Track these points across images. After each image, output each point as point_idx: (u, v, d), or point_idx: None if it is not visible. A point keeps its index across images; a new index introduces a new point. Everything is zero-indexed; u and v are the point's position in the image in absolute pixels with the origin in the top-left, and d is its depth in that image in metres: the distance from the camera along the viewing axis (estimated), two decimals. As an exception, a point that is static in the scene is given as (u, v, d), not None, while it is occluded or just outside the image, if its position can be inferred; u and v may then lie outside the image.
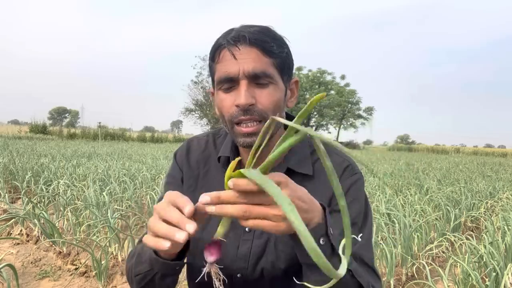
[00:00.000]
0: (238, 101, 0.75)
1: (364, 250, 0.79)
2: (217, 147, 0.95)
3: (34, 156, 9.28)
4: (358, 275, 0.68)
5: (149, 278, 0.73)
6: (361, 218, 0.82)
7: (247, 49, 0.75)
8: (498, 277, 2.40)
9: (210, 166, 0.94)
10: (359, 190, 0.85)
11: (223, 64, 0.77)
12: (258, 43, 0.75)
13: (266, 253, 0.84)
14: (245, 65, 0.74)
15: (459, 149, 56.97)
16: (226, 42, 0.76)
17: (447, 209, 4.41)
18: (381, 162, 14.90)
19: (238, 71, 0.74)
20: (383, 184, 6.48)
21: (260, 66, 0.75)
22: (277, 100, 0.78)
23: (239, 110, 0.75)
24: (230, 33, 0.77)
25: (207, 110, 36.88)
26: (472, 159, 24.42)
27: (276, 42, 0.77)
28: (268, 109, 0.76)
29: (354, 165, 0.88)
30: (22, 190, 4.61)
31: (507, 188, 7.31)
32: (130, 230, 3.21)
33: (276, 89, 0.78)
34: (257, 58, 0.75)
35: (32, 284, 2.73)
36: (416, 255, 3.36)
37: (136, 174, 6.36)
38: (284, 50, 0.79)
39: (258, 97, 0.76)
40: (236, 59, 0.74)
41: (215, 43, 0.79)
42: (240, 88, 0.75)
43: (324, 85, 51.14)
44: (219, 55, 0.78)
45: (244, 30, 0.76)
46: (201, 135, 1.01)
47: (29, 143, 16.00)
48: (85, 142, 22.15)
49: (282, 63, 0.79)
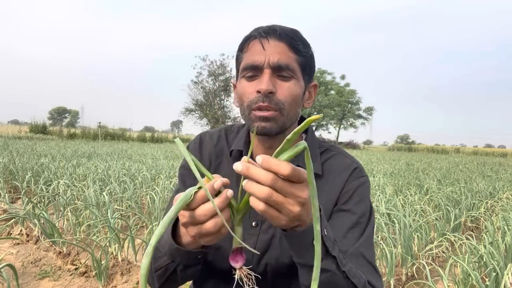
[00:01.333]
0: (259, 87, 0.78)
1: (365, 248, 0.81)
2: (229, 142, 0.97)
3: (34, 156, 9.27)
4: (351, 275, 0.68)
5: (171, 271, 0.73)
6: (366, 218, 0.84)
7: (275, 42, 0.80)
8: (498, 277, 2.40)
9: (222, 160, 0.96)
10: (365, 191, 0.88)
11: (250, 53, 0.81)
12: (287, 38, 0.80)
13: (270, 248, 0.85)
14: (271, 56, 0.79)
15: (459, 149, 56.98)
16: (258, 33, 0.81)
17: (447, 209, 4.41)
18: (381, 162, 14.89)
19: (264, 61, 0.79)
20: (383, 184, 6.48)
21: (285, 59, 0.79)
22: (296, 95, 0.82)
23: (259, 96, 0.79)
24: (262, 27, 0.83)
25: (207, 110, 36.85)
26: (472, 159, 24.43)
27: (303, 43, 0.83)
28: (286, 101, 0.80)
29: (361, 168, 0.91)
30: (22, 190, 4.61)
31: (507, 188, 7.31)
32: (130, 230, 3.21)
33: (297, 85, 0.82)
34: (283, 52, 0.79)
35: (32, 284, 2.73)
36: (416, 255, 3.36)
37: (136, 174, 6.36)
38: (309, 51, 0.85)
39: (279, 88, 0.80)
40: (264, 50, 0.79)
41: (246, 35, 0.85)
42: (263, 76, 0.79)
43: (324, 85, 51.09)
44: (248, 45, 0.83)
45: (275, 26, 0.82)
46: (213, 130, 1.04)
47: (29, 143, 16.00)
48: (85, 142, 22.15)
49: (306, 62, 0.84)
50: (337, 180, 0.87)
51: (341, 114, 52.83)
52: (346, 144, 52.54)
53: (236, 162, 0.55)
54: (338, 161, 0.91)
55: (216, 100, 37.00)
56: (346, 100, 51.30)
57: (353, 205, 0.84)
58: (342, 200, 0.85)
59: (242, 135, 0.94)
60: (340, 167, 0.89)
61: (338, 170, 0.88)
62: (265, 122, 0.79)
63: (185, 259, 0.70)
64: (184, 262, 0.71)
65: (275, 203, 0.54)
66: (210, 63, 36.23)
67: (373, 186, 6.11)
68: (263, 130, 0.80)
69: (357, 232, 0.82)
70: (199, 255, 0.70)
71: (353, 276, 0.68)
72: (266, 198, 0.53)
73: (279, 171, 0.52)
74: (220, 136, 0.99)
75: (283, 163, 0.53)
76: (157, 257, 0.74)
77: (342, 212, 0.84)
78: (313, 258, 0.60)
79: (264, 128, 0.80)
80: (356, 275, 0.70)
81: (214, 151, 0.97)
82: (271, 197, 0.53)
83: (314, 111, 50.21)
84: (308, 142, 0.92)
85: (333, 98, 49.47)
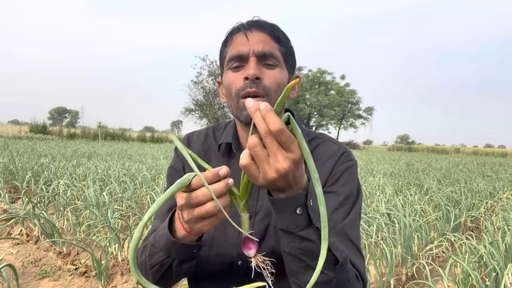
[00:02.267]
0: (247, 73, 0.82)
1: (350, 228, 0.81)
2: (217, 139, 0.99)
3: (34, 156, 9.27)
4: (334, 248, 0.68)
5: (166, 267, 0.73)
6: (352, 200, 0.85)
7: (258, 33, 0.85)
8: (498, 277, 2.40)
9: (210, 157, 0.97)
10: (352, 174, 0.88)
11: (235, 45, 0.85)
12: (269, 29, 0.86)
13: (266, 238, 0.85)
14: (255, 45, 0.83)
15: (459, 149, 56.96)
16: (241, 26, 0.87)
17: (447, 209, 4.41)
18: (381, 162, 14.89)
19: (249, 50, 0.83)
20: (383, 184, 6.47)
21: (269, 48, 0.84)
22: (282, 82, 0.85)
23: (247, 82, 0.82)
24: (243, 21, 0.89)
25: (207, 110, 36.84)
26: (472, 159, 24.42)
27: (283, 34, 0.89)
28: (272, 87, 0.83)
29: (349, 153, 0.92)
30: (22, 190, 4.61)
31: (507, 188, 7.31)
32: (130, 230, 3.21)
33: (282, 73, 0.86)
34: (266, 41, 0.84)
35: (32, 284, 2.73)
36: (416, 255, 3.35)
37: (136, 174, 6.36)
38: (289, 44, 0.90)
39: (265, 75, 0.83)
40: (248, 40, 0.84)
41: (229, 30, 0.89)
42: (249, 64, 0.83)
43: (324, 85, 51.06)
44: (232, 38, 0.87)
45: (255, 20, 0.88)
46: (200, 129, 1.05)
47: (29, 143, 15.99)
48: (85, 142, 22.15)
49: (287, 52, 0.88)
50: (326, 166, 0.88)
51: (341, 114, 52.81)
52: (346, 144, 52.51)
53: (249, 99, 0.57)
54: (327, 148, 0.92)
55: (216, 100, 36.97)
56: (346, 100, 51.28)
57: (339, 187, 0.85)
58: (329, 182, 0.86)
59: (230, 129, 0.96)
60: (328, 153, 0.90)
61: (326, 156, 0.89)
62: None
63: (180, 253, 0.70)
64: (180, 256, 0.71)
65: (256, 155, 0.55)
66: (210, 63, 36.25)
67: (373, 186, 6.11)
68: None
69: (342, 213, 0.82)
70: (194, 249, 0.70)
71: (335, 249, 0.68)
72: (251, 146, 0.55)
73: (269, 124, 0.53)
74: (208, 134, 1.01)
75: (276, 120, 0.53)
76: (153, 253, 0.74)
77: (327, 194, 0.84)
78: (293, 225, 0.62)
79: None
80: (338, 248, 0.69)
81: (202, 149, 0.99)
82: (255, 148, 0.55)
83: (314, 111, 50.25)
84: None
85: (333, 98, 49.43)
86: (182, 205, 0.60)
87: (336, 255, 0.68)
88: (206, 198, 0.59)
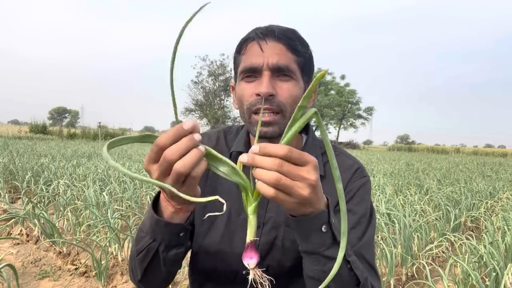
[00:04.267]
0: (259, 90, 0.77)
1: (366, 249, 0.81)
2: (228, 143, 0.96)
3: (34, 156, 9.27)
4: (355, 267, 0.68)
5: (153, 253, 0.70)
6: (366, 219, 0.84)
7: (273, 44, 0.79)
8: (498, 277, 2.40)
9: None
10: (366, 193, 0.87)
11: (249, 55, 0.80)
12: (285, 39, 0.79)
13: (273, 251, 0.84)
14: (270, 57, 0.78)
15: (459, 149, 57.00)
16: (255, 35, 0.80)
17: (447, 209, 4.41)
18: (381, 162, 14.89)
19: (263, 62, 0.78)
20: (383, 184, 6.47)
21: (284, 60, 0.78)
22: (296, 96, 0.81)
23: (259, 99, 0.78)
24: (259, 28, 0.82)
25: (207, 110, 36.88)
26: (472, 159, 24.43)
27: (301, 43, 0.82)
28: (287, 102, 0.79)
29: (363, 168, 0.90)
30: (22, 190, 4.61)
31: (507, 188, 7.31)
32: (130, 230, 3.21)
33: (296, 86, 0.81)
34: (282, 53, 0.78)
35: (32, 284, 2.73)
36: (416, 255, 3.35)
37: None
38: (307, 51, 0.84)
39: (279, 89, 0.79)
40: (263, 51, 0.78)
41: (243, 37, 0.83)
42: (262, 78, 0.78)
43: (324, 85, 51.09)
44: (246, 47, 0.82)
45: (273, 27, 0.81)
46: (211, 131, 1.02)
47: (29, 143, 15.99)
48: (85, 142, 22.15)
49: (305, 63, 0.83)
50: None
51: (341, 114, 52.84)
52: (346, 144, 52.51)
53: (242, 154, 0.56)
54: (340, 162, 0.89)
55: (216, 100, 37.03)
56: (346, 100, 51.32)
57: (354, 205, 0.83)
58: None
59: (242, 136, 0.93)
60: (342, 168, 0.87)
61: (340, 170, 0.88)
62: (266, 127, 0.79)
63: (166, 235, 0.68)
64: (166, 240, 0.68)
65: (284, 186, 0.53)
66: (210, 63, 36.31)
67: (373, 186, 6.11)
68: (265, 135, 0.79)
69: (358, 233, 0.81)
70: (180, 232, 0.68)
71: (356, 268, 0.68)
72: (275, 182, 0.53)
73: (277, 153, 0.53)
74: (219, 138, 0.98)
75: (279, 146, 0.53)
76: (139, 237, 0.72)
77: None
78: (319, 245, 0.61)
79: (266, 133, 0.79)
80: (359, 267, 0.69)
81: None
82: (280, 181, 0.53)
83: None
84: (309, 142, 0.91)
85: (333, 98, 49.49)
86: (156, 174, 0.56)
87: (357, 274, 0.68)
88: (175, 157, 0.53)
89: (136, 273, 0.77)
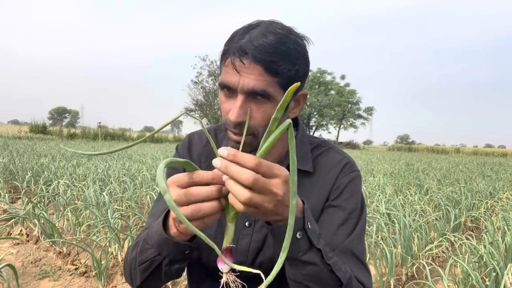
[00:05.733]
0: (230, 116, 0.73)
1: (355, 244, 0.80)
2: (219, 141, 0.96)
3: (34, 156, 9.27)
4: (336, 269, 0.67)
5: (156, 265, 0.71)
6: (356, 214, 0.83)
7: (251, 65, 0.70)
8: (498, 277, 2.40)
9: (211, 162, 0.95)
10: (356, 187, 0.86)
11: (226, 70, 0.74)
12: (264, 62, 0.70)
13: (264, 248, 0.85)
14: (246, 80, 0.70)
15: (459, 149, 56.96)
16: (232, 52, 0.72)
17: (447, 209, 4.41)
18: (381, 162, 14.89)
19: (238, 84, 0.71)
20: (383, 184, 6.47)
21: (261, 84, 0.71)
22: None
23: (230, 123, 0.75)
24: (242, 38, 0.72)
25: (207, 110, 36.86)
26: (472, 159, 24.42)
27: (286, 59, 0.72)
28: (260, 126, 0.74)
29: (353, 163, 0.90)
30: (22, 190, 4.61)
31: (507, 188, 7.30)
32: (130, 230, 3.21)
33: (273, 108, 0.74)
34: (259, 76, 0.70)
35: (32, 284, 2.73)
36: (416, 255, 3.35)
37: (136, 174, 6.36)
38: (293, 67, 0.73)
39: (253, 112, 0.73)
40: (238, 72, 0.71)
41: (225, 44, 0.77)
42: (236, 101, 0.73)
43: (324, 85, 51.11)
44: (225, 60, 0.75)
45: (251, 45, 0.70)
46: (202, 130, 1.03)
47: (29, 143, 15.99)
48: (85, 142, 22.14)
49: (288, 80, 0.73)
50: (328, 176, 0.86)
51: (341, 114, 52.84)
52: (346, 144, 52.50)
53: (215, 159, 0.55)
54: (329, 157, 0.89)
55: (216, 100, 36.97)
56: (346, 100, 51.33)
57: (343, 201, 0.83)
58: (332, 195, 0.84)
59: None
60: (331, 163, 0.88)
61: (329, 166, 0.87)
62: (238, 145, 0.75)
63: (172, 252, 0.68)
64: (171, 255, 0.69)
65: (254, 203, 0.54)
66: (210, 63, 36.29)
67: (373, 186, 6.11)
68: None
69: (347, 228, 0.81)
70: (186, 250, 0.68)
71: (338, 270, 0.68)
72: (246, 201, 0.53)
73: (246, 164, 0.52)
74: None
75: (249, 156, 0.52)
76: (144, 249, 0.72)
77: (332, 208, 0.83)
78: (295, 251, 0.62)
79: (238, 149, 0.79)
80: (341, 269, 0.69)
81: (204, 151, 0.97)
82: (251, 200, 0.53)
83: (314, 111, 50.24)
84: (298, 138, 0.91)
85: (333, 98, 49.52)
86: (177, 201, 0.56)
87: (339, 276, 0.68)
88: (205, 197, 0.56)
89: (135, 279, 0.77)
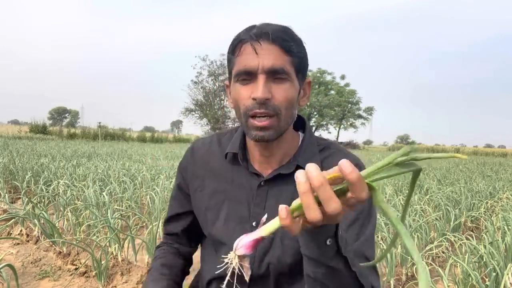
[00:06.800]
0: (255, 94, 0.77)
1: (366, 246, 0.81)
2: (222, 144, 0.98)
3: (34, 156, 9.27)
4: (361, 276, 0.68)
5: None
6: (364, 216, 0.83)
7: (268, 46, 0.77)
8: (498, 277, 2.40)
9: (215, 164, 0.97)
10: None
11: (243, 57, 0.79)
12: (279, 41, 0.78)
13: (272, 248, 0.85)
14: (265, 60, 0.77)
15: (459, 149, 56.94)
16: (249, 37, 0.79)
17: (447, 209, 4.41)
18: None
19: (258, 66, 0.77)
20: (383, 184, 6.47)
21: (280, 63, 0.77)
22: (292, 97, 0.81)
23: (255, 103, 0.78)
24: (252, 29, 0.80)
25: (207, 110, 36.84)
26: (472, 159, 24.41)
27: (296, 42, 0.81)
28: (282, 105, 0.79)
29: (361, 165, 0.90)
30: (22, 190, 4.61)
31: (507, 188, 7.30)
32: (130, 230, 3.21)
33: (292, 87, 0.81)
34: (277, 55, 0.77)
35: (32, 284, 2.73)
36: (416, 255, 3.35)
37: (136, 174, 6.35)
38: (302, 50, 0.82)
39: (274, 92, 0.78)
40: (257, 54, 0.77)
41: (236, 37, 0.82)
42: (258, 82, 0.78)
43: (324, 85, 51.07)
44: (239, 48, 0.80)
45: (267, 28, 0.79)
46: (206, 137, 1.06)
47: (29, 143, 15.98)
48: (85, 142, 22.13)
49: (299, 62, 0.82)
50: None
51: (341, 114, 52.80)
52: (346, 144, 52.48)
53: (298, 174, 0.51)
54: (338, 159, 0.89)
55: (216, 100, 36.99)
56: (346, 100, 51.28)
57: None
58: None
59: (237, 138, 0.94)
60: None
61: None
62: (263, 131, 0.79)
63: None
64: None
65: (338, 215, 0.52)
66: (210, 63, 36.28)
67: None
68: (262, 139, 0.80)
69: (356, 229, 0.81)
70: None
71: (362, 277, 0.68)
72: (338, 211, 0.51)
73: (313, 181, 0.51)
74: (212, 141, 1.01)
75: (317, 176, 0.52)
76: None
77: None
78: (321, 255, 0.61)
79: (263, 137, 0.80)
80: (365, 276, 0.69)
81: (207, 154, 0.99)
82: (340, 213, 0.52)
83: (314, 111, 50.21)
84: (306, 140, 0.91)
85: (333, 98, 49.47)
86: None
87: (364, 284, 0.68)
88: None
89: None
